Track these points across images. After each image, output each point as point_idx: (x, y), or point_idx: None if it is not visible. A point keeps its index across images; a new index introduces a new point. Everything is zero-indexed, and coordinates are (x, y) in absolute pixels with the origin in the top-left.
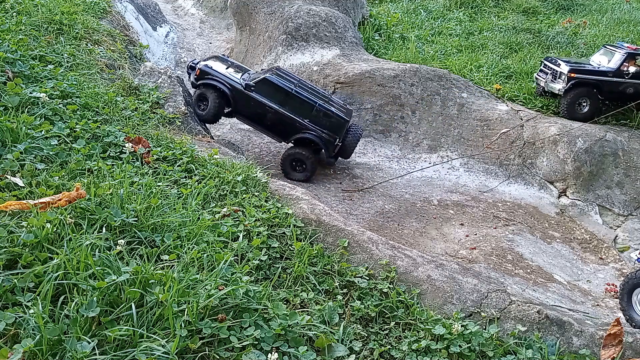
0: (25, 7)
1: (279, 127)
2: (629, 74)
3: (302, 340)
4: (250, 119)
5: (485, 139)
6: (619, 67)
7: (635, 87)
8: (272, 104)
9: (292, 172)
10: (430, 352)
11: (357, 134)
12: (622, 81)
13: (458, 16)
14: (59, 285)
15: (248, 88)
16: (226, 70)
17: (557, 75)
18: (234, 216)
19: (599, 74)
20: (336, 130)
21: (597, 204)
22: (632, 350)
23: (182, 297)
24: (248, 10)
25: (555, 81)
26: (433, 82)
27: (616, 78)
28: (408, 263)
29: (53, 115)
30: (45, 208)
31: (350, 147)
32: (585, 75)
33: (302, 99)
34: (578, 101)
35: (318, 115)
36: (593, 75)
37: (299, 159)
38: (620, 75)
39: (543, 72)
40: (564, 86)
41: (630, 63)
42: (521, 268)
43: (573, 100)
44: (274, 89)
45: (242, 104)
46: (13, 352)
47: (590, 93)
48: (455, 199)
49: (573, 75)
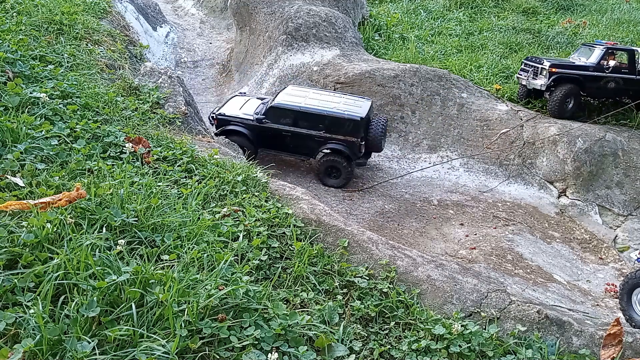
0: (25, 7)
1: (302, 146)
2: (609, 68)
3: (302, 340)
4: (274, 148)
5: (485, 139)
6: (598, 62)
7: (615, 81)
8: (286, 127)
9: (328, 179)
10: (430, 352)
11: (380, 125)
12: (602, 75)
13: (458, 16)
14: (59, 285)
15: (260, 121)
16: (240, 110)
17: (538, 72)
18: (234, 216)
19: (580, 69)
20: (354, 132)
21: (597, 204)
22: (632, 350)
23: (182, 297)
24: (248, 10)
25: (536, 77)
26: (433, 82)
27: (597, 72)
28: (408, 263)
29: (53, 115)
30: (46, 208)
31: (375, 140)
32: (567, 70)
33: (311, 112)
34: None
35: (332, 123)
36: (574, 70)
37: (334, 166)
38: (600, 69)
39: (524, 71)
40: (546, 82)
41: (610, 58)
42: (521, 268)
43: (562, 99)
44: (282, 113)
45: (261, 137)
46: (13, 352)
47: (574, 91)
48: (455, 199)
49: (554, 70)
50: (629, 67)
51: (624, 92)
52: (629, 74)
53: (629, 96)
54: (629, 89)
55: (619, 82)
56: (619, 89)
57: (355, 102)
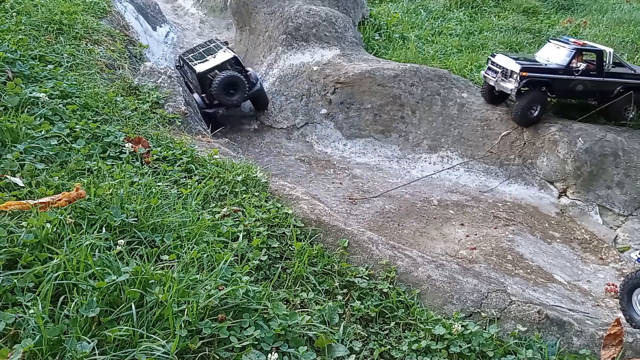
0: (25, 7)
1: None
2: (578, 70)
3: (302, 340)
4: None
5: (485, 139)
6: (568, 64)
7: (584, 83)
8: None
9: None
10: (430, 352)
11: (218, 81)
12: (572, 78)
13: (458, 16)
14: (59, 285)
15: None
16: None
17: (507, 74)
18: (234, 216)
19: (550, 72)
20: (198, 84)
21: (597, 204)
22: (632, 350)
23: (182, 297)
24: (248, 10)
25: (506, 80)
26: (433, 82)
27: (566, 75)
28: (408, 263)
29: (53, 115)
30: (45, 208)
31: (214, 92)
32: (538, 74)
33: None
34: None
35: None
36: (544, 73)
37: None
38: (570, 72)
39: (492, 70)
40: (517, 86)
41: (578, 59)
42: (521, 268)
43: (528, 105)
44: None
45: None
46: (13, 352)
47: (542, 97)
48: (455, 199)
49: (525, 74)
50: (597, 69)
51: (591, 94)
52: (596, 75)
53: (595, 97)
54: (595, 90)
55: (587, 85)
56: (587, 91)
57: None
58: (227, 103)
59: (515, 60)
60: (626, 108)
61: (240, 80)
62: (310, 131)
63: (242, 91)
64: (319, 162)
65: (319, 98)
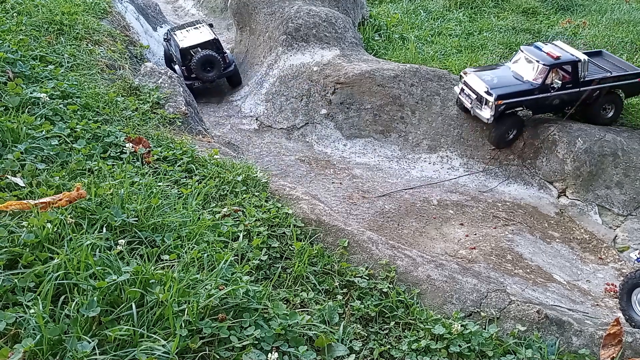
0: (25, 8)
1: None
2: (554, 87)
3: (302, 340)
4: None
5: (485, 139)
6: (543, 82)
7: (560, 97)
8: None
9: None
10: (430, 351)
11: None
12: (549, 96)
13: (458, 17)
14: (60, 285)
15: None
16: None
17: (482, 101)
18: (234, 216)
19: (526, 94)
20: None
21: (596, 204)
22: (631, 350)
23: (183, 297)
24: (248, 10)
25: (481, 107)
26: (433, 83)
27: (543, 94)
28: (408, 263)
29: (54, 116)
30: (46, 208)
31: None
32: (513, 100)
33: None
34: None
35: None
36: (520, 96)
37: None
38: (546, 90)
39: (464, 93)
40: (493, 114)
41: (554, 72)
42: (521, 268)
43: (505, 130)
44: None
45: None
46: (13, 352)
47: (519, 121)
48: (454, 199)
49: (500, 102)
50: (573, 80)
51: (567, 104)
52: (573, 87)
53: (572, 106)
54: (573, 100)
55: (564, 97)
56: (564, 103)
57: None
58: (203, 78)
59: (488, 84)
60: (605, 108)
61: (217, 59)
62: (310, 131)
63: (217, 69)
64: (319, 162)
65: (319, 98)
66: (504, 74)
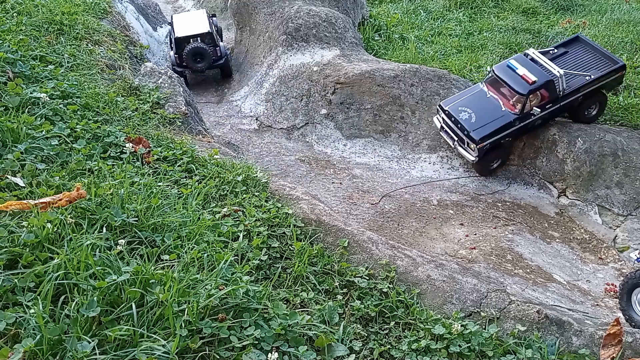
0: (25, 8)
1: None
2: (534, 114)
3: (302, 340)
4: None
5: None
6: (522, 110)
7: (542, 117)
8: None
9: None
10: (430, 351)
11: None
12: (529, 121)
13: (458, 17)
14: (60, 285)
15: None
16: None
17: (465, 142)
18: (234, 216)
19: (507, 127)
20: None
21: (596, 204)
22: (631, 350)
23: (183, 297)
24: (248, 10)
25: (464, 148)
26: (433, 83)
27: (524, 122)
28: (408, 263)
29: (54, 116)
30: (46, 208)
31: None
32: (495, 137)
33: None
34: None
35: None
36: (501, 132)
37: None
38: (527, 116)
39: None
40: (477, 155)
41: (533, 96)
42: (521, 268)
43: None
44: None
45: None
46: (13, 352)
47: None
48: (454, 199)
49: (483, 144)
50: (552, 100)
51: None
52: (553, 105)
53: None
54: (555, 115)
55: (546, 116)
56: (547, 120)
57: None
58: (192, 68)
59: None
60: (589, 108)
61: (207, 52)
62: (310, 131)
63: (207, 61)
64: (319, 162)
65: (319, 98)
66: (480, 105)
